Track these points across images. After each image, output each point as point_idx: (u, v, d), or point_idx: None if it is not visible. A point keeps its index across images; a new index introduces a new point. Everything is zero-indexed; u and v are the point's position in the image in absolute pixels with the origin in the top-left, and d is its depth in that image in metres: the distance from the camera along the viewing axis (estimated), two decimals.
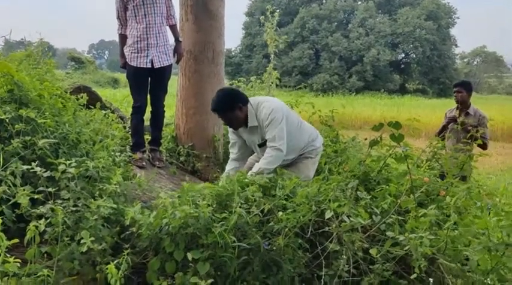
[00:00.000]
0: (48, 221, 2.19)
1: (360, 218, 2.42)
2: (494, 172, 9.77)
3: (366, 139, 3.78)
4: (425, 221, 2.40)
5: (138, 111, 4.34)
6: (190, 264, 2.23)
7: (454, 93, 5.32)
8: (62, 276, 2.13)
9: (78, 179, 2.50)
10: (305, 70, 43.81)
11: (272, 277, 2.37)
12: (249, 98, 3.50)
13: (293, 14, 46.37)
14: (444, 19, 45.55)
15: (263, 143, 3.48)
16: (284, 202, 2.58)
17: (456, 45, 49.31)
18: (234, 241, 2.28)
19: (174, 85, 5.17)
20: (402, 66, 47.11)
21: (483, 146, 4.94)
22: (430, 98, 37.57)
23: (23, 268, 2.00)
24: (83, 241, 2.17)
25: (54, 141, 2.64)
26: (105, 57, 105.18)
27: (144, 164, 4.22)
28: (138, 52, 4.23)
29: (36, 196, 2.31)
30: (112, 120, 4.67)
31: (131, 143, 4.42)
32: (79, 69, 33.66)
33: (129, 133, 4.53)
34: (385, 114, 18.33)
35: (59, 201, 2.34)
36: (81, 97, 4.32)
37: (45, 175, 2.41)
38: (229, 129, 3.64)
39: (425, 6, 44.39)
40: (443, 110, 6.06)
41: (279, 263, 2.39)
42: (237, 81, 6.47)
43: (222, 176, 3.37)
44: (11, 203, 2.27)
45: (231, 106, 3.36)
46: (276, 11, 6.84)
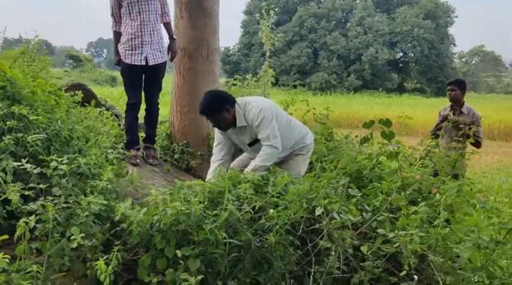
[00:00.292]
0: (38, 218, 2.19)
1: (350, 215, 2.42)
2: (490, 170, 9.80)
3: (356, 136, 3.80)
4: (415, 219, 2.41)
5: (132, 108, 4.34)
6: (181, 261, 2.23)
7: (448, 91, 5.34)
8: (52, 273, 2.13)
9: (70, 176, 2.50)
10: (303, 69, 43.81)
11: (263, 274, 2.37)
12: (237, 98, 3.53)
13: (291, 13, 46.34)
14: (442, 18, 45.57)
15: (253, 143, 3.51)
16: (276, 200, 2.59)
17: (454, 44, 49.42)
18: (225, 238, 2.29)
19: (169, 82, 5.17)
20: (400, 65, 47.14)
21: (476, 144, 4.95)
22: (428, 97, 37.64)
23: (13, 264, 2.00)
24: (73, 237, 2.17)
25: (43, 136, 2.64)
26: (103, 55, 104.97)
27: (138, 161, 4.22)
28: (132, 50, 4.23)
29: (27, 193, 2.31)
30: (107, 117, 4.67)
31: (125, 141, 4.42)
32: (77, 67, 33.60)
33: (124, 130, 4.53)
34: (383, 113, 18.35)
35: (50, 198, 2.34)
36: (76, 95, 4.31)
37: (37, 171, 2.41)
38: (216, 130, 3.66)
39: (424, 5, 44.41)
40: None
41: (270, 260, 2.39)
42: (233, 79, 6.46)
43: (206, 180, 3.37)
44: (1, 199, 2.27)
45: (218, 108, 3.40)
46: (275, 9, 6.85)
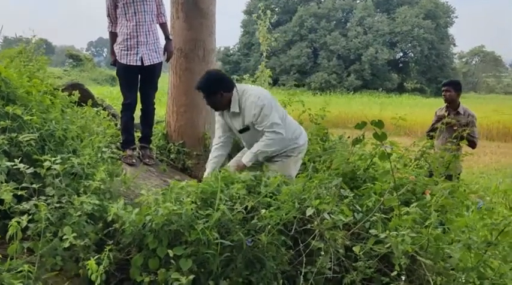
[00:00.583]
0: (31, 217, 2.20)
1: (342, 215, 2.43)
2: (488, 171, 9.80)
3: (349, 137, 3.80)
4: (407, 219, 2.42)
5: (128, 108, 4.35)
6: (173, 261, 2.24)
7: (443, 92, 5.36)
8: (43, 272, 2.14)
9: (63, 176, 2.51)
10: (303, 69, 43.84)
11: (255, 274, 2.38)
12: (237, 84, 3.54)
13: (291, 13, 46.35)
14: (442, 18, 45.60)
15: (243, 130, 3.53)
16: (268, 200, 2.60)
17: (454, 45, 49.48)
18: (217, 238, 2.30)
19: (166, 82, 5.18)
20: (400, 65, 47.16)
21: (472, 144, 4.97)
22: (428, 97, 37.62)
23: (4, 263, 2.01)
24: (65, 237, 2.17)
25: (35, 136, 2.65)
26: (103, 54, 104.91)
27: (134, 161, 4.23)
28: (128, 50, 4.24)
29: (20, 193, 2.31)
30: (103, 117, 4.68)
31: (121, 141, 4.43)
32: (77, 66, 33.63)
33: (120, 130, 4.54)
34: (382, 113, 18.34)
35: (43, 197, 2.35)
36: (73, 95, 4.32)
37: (30, 171, 2.41)
38: (216, 113, 3.71)
39: (424, 5, 44.44)
40: None
41: (262, 260, 2.39)
42: None
43: (206, 165, 3.51)
44: None
45: (213, 91, 3.42)
46: (275, 9, 6.85)
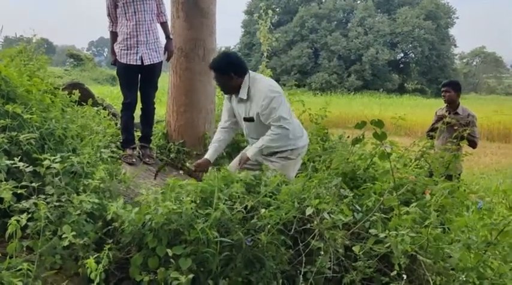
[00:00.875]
0: (30, 216, 2.20)
1: (342, 215, 2.43)
2: (489, 172, 9.80)
3: (348, 137, 3.80)
4: (407, 219, 2.42)
5: (128, 108, 4.35)
6: (173, 260, 2.24)
7: (442, 92, 5.36)
8: (43, 271, 2.13)
9: (63, 174, 2.50)
10: (304, 69, 43.86)
11: (255, 273, 2.38)
12: (251, 72, 3.53)
13: (292, 13, 46.38)
14: (443, 19, 45.59)
15: (248, 119, 3.52)
16: (268, 199, 2.59)
17: (455, 45, 49.47)
18: (217, 237, 2.30)
19: (166, 82, 5.18)
20: (401, 66, 47.18)
21: (472, 144, 4.97)
22: (428, 98, 37.61)
23: (3, 262, 2.01)
24: (64, 236, 2.17)
25: (35, 135, 2.65)
26: (104, 54, 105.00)
27: (134, 160, 4.24)
28: (127, 49, 4.24)
29: (20, 191, 2.31)
30: (104, 116, 4.69)
31: (121, 140, 4.43)
32: (78, 66, 33.67)
33: (120, 129, 4.54)
34: (382, 113, 18.33)
35: (43, 196, 2.35)
36: (73, 94, 4.33)
37: (30, 170, 2.42)
38: (225, 97, 3.73)
39: (425, 6, 44.44)
40: None
41: (262, 260, 2.39)
42: None
43: (209, 146, 3.58)
44: None
45: (224, 71, 3.42)
46: (276, 9, 6.86)
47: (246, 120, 3.54)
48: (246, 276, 2.36)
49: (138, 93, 4.44)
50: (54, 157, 2.48)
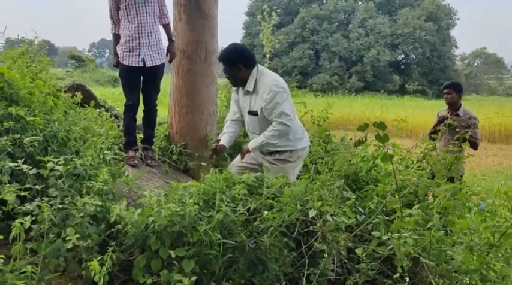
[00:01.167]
0: (34, 218, 2.20)
1: (344, 217, 2.43)
2: (490, 173, 9.79)
3: (351, 139, 3.80)
4: (410, 221, 2.42)
5: (130, 110, 4.35)
6: (176, 262, 2.24)
7: (444, 94, 5.36)
8: (47, 273, 2.14)
9: (66, 177, 2.51)
10: (305, 71, 43.84)
11: (258, 275, 2.38)
12: (259, 65, 3.55)
13: (293, 14, 46.39)
14: (444, 20, 45.58)
15: (251, 113, 3.53)
16: (270, 201, 2.60)
17: (456, 47, 49.41)
18: (220, 239, 2.30)
19: (168, 83, 5.18)
20: (402, 67, 47.14)
21: (473, 146, 4.96)
22: (429, 99, 37.57)
23: (8, 264, 2.01)
24: (68, 238, 2.18)
25: (39, 138, 2.65)
26: (105, 55, 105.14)
27: (136, 162, 4.23)
28: (130, 51, 4.25)
29: (23, 194, 2.32)
30: (106, 118, 4.69)
31: (124, 142, 4.44)
32: (79, 67, 33.69)
33: (122, 131, 4.54)
34: (383, 115, 18.30)
35: (46, 198, 2.35)
36: (75, 96, 4.33)
37: (33, 172, 2.42)
38: (234, 89, 3.77)
39: (426, 7, 44.42)
40: None
41: (265, 262, 2.40)
42: None
43: (218, 138, 3.66)
44: None
45: (232, 63, 3.46)
46: (277, 10, 6.87)
47: (250, 113, 3.54)
48: (249, 279, 2.37)
49: (141, 95, 4.44)
50: (57, 160, 2.49)
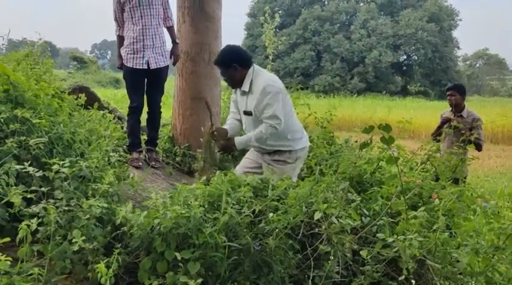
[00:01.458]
0: (40, 221, 2.21)
1: (350, 219, 2.43)
2: (493, 174, 9.77)
3: (356, 141, 3.80)
4: (415, 224, 2.42)
5: (134, 112, 4.37)
6: (181, 264, 2.25)
7: (447, 96, 5.34)
8: (53, 275, 2.14)
9: (72, 179, 2.51)
10: (307, 72, 43.85)
11: (263, 278, 2.38)
12: (256, 65, 3.55)
13: (295, 15, 46.41)
14: (446, 21, 45.54)
15: (247, 113, 3.52)
16: (275, 203, 2.60)
17: (458, 48, 49.37)
18: (225, 241, 2.30)
19: (172, 85, 5.19)
20: (404, 68, 47.10)
21: (477, 147, 4.96)
22: (431, 100, 37.51)
23: (15, 267, 2.02)
24: (74, 240, 2.18)
25: (45, 140, 2.66)
26: (107, 57, 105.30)
27: (140, 164, 4.24)
28: (134, 53, 4.26)
29: (29, 196, 2.33)
30: (110, 120, 4.70)
31: (128, 144, 4.45)
32: (81, 68, 33.76)
33: (126, 133, 4.55)
34: (386, 116, 18.32)
35: (52, 200, 2.36)
36: (79, 98, 4.34)
37: (39, 174, 2.43)
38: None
39: (428, 8, 44.38)
40: None
41: (270, 264, 2.40)
42: None
43: (223, 127, 3.62)
44: (4, 202, 2.29)
45: (227, 64, 3.44)
46: (279, 12, 6.87)
47: (246, 113, 3.53)
48: (254, 281, 2.37)
49: (145, 97, 4.45)
50: (63, 162, 2.49)
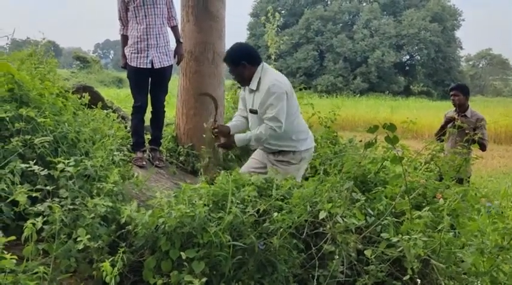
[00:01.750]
0: (45, 219, 2.21)
1: (354, 219, 2.43)
2: (496, 174, 9.74)
3: (360, 141, 3.80)
4: (419, 223, 2.42)
5: (138, 111, 4.37)
6: (186, 263, 2.25)
7: (451, 96, 5.33)
8: (58, 274, 2.15)
9: (77, 178, 2.52)
10: (309, 72, 43.83)
11: (267, 277, 2.38)
12: (265, 63, 3.53)
13: (298, 15, 46.38)
14: (449, 21, 45.47)
15: (253, 111, 3.52)
16: (280, 203, 2.60)
17: (461, 48, 49.27)
18: (229, 241, 2.30)
19: (176, 85, 5.20)
20: (407, 68, 47.03)
21: (481, 147, 4.94)
22: (434, 100, 37.44)
23: (20, 265, 2.03)
24: (79, 239, 2.19)
25: (50, 139, 2.67)
26: (110, 56, 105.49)
27: (144, 163, 4.25)
28: (138, 53, 4.27)
29: (34, 194, 2.33)
30: (113, 119, 4.71)
31: (131, 143, 4.45)
32: (84, 68, 33.81)
33: (130, 132, 4.56)
34: (388, 116, 18.30)
35: (57, 199, 2.37)
36: (83, 97, 4.35)
37: (44, 173, 2.43)
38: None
39: (431, 8, 44.31)
40: None
41: (274, 263, 2.40)
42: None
43: (227, 125, 3.62)
44: (9, 200, 2.30)
45: (236, 62, 3.44)
46: (281, 11, 6.86)
47: (251, 111, 3.54)
48: (258, 280, 2.37)
49: (148, 96, 4.46)
50: (67, 161, 2.50)
